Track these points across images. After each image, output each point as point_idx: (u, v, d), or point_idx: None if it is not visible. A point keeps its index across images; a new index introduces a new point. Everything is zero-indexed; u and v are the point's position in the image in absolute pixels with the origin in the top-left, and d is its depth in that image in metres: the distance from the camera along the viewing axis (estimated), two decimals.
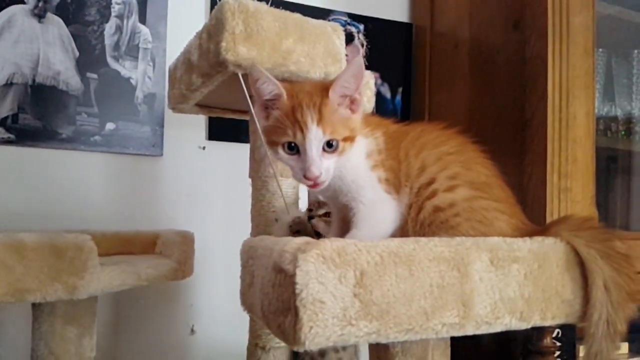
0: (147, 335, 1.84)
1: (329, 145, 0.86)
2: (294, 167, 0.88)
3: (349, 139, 0.89)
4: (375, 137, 0.94)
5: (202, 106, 1.54)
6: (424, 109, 2.12)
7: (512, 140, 1.65)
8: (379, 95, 2.13)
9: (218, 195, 1.91)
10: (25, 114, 1.70)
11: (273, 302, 0.74)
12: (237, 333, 1.44)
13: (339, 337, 0.70)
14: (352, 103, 0.90)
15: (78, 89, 1.76)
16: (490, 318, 0.80)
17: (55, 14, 1.74)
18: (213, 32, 1.13)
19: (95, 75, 1.78)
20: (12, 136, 1.68)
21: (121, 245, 1.57)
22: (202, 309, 1.90)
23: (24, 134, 1.69)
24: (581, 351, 1.80)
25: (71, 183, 1.75)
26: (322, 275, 0.69)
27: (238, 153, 1.74)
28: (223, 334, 1.89)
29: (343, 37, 1.25)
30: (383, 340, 0.74)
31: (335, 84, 0.87)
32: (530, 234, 0.93)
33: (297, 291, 0.68)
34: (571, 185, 1.55)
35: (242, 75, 1.11)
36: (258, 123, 0.93)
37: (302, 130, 0.85)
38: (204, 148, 1.92)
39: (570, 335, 1.73)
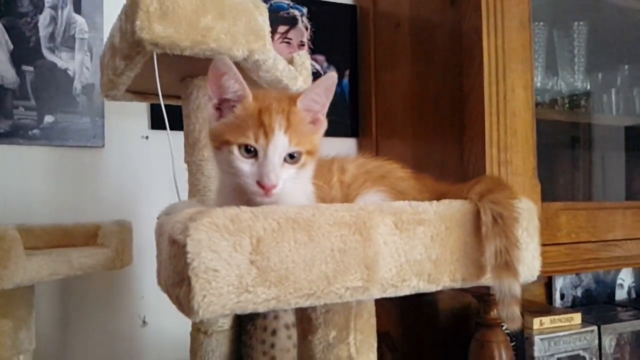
0: (98, 327, 1.81)
1: (291, 157, 0.82)
2: (245, 172, 0.81)
3: (311, 153, 0.85)
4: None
5: (136, 92, 1.52)
6: (370, 91, 2.11)
7: (452, 116, 1.65)
8: None
9: (163, 185, 1.87)
10: None
11: (171, 274, 0.73)
12: (188, 322, 1.43)
13: (235, 305, 0.70)
14: (314, 123, 0.87)
15: (14, 82, 1.72)
16: (396, 280, 0.80)
17: None
18: (129, 11, 1.11)
19: (31, 68, 1.74)
20: None
21: (61, 238, 1.54)
22: (153, 300, 1.88)
23: None
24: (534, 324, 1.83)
25: (11, 178, 1.71)
26: (215, 243, 0.68)
27: (182, 141, 1.72)
28: (174, 324, 1.86)
29: (266, 14, 1.24)
30: (284, 307, 0.73)
31: (304, 95, 0.85)
32: (440, 190, 0.94)
33: (188, 261, 0.67)
34: (511, 157, 1.55)
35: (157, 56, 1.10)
36: (209, 122, 0.87)
37: (266, 135, 0.80)
38: (147, 137, 1.89)
39: None
